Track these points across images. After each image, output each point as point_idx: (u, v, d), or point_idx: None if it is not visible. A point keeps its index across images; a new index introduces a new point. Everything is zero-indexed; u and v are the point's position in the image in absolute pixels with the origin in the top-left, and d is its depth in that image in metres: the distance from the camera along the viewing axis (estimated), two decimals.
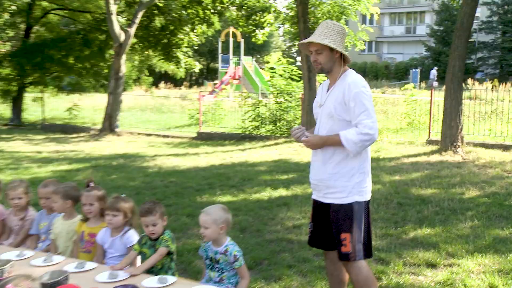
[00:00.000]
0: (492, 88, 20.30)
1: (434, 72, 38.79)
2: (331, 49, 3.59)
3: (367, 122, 3.46)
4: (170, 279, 3.27)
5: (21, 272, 3.10)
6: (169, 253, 3.71)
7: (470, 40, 15.58)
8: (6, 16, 20.80)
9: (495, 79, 30.36)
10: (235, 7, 20.72)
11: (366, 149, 3.65)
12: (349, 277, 3.77)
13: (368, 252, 3.71)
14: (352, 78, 3.59)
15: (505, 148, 11.94)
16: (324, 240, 3.82)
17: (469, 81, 28.07)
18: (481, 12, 44.55)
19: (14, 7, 20.26)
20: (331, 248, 3.78)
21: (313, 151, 3.75)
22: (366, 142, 3.49)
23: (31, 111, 22.88)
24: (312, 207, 3.90)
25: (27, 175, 9.89)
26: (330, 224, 3.68)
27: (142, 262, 3.72)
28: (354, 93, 3.51)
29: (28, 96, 23.54)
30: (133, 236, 3.93)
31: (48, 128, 19.98)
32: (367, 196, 3.70)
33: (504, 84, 25.71)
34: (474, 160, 10.73)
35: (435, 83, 34.93)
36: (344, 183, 3.60)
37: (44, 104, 21.40)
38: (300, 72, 15.73)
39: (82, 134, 18.13)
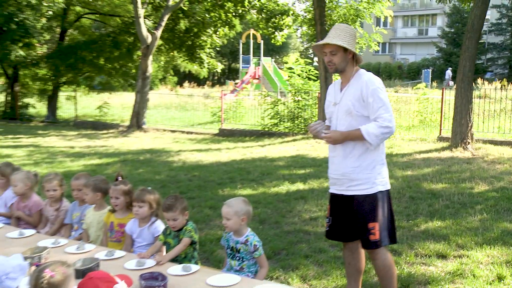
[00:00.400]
0: (501, 88, 19.94)
1: (449, 73, 38.25)
2: (345, 50, 3.61)
3: (386, 116, 3.50)
4: (194, 267, 3.28)
5: (56, 258, 3.14)
6: (192, 243, 3.72)
7: (480, 41, 15.33)
8: (44, 20, 21.04)
9: (504, 79, 29.79)
10: (255, 10, 20.70)
11: (383, 142, 3.66)
12: (375, 263, 3.76)
13: (392, 238, 3.73)
14: (367, 77, 3.62)
15: None
16: (343, 232, 3.79)
17: (479, 80, 27.60)
18: (491, 15, 43.81)
19: (50, 12, 20.51)
20: (351, 239, 3.79)
21: (331, 147, 3.75)
22: (386, 135, 3.52)
23: (65, 109, 23.13)
24: (330, 202, 3.88)
25: (61, 168, 10.03)
26: (351, 216, 3.68)
27: (167, 251, 3.74)
28: (372, 89, 3.53)
29: (62, 95, 23.82)
30: (159, 226, 3.96)
31: (80, 124, 20.20)
32: (388, 186, 3.73)
33: None
34: (483, 156, 10.57)
35: (451, 83, 34.41)
36: (367, 175, 3.61)
37: (77, 102, 21.63)
38: (317, 71, 15.66)
39: (111, 131, 18.29)
